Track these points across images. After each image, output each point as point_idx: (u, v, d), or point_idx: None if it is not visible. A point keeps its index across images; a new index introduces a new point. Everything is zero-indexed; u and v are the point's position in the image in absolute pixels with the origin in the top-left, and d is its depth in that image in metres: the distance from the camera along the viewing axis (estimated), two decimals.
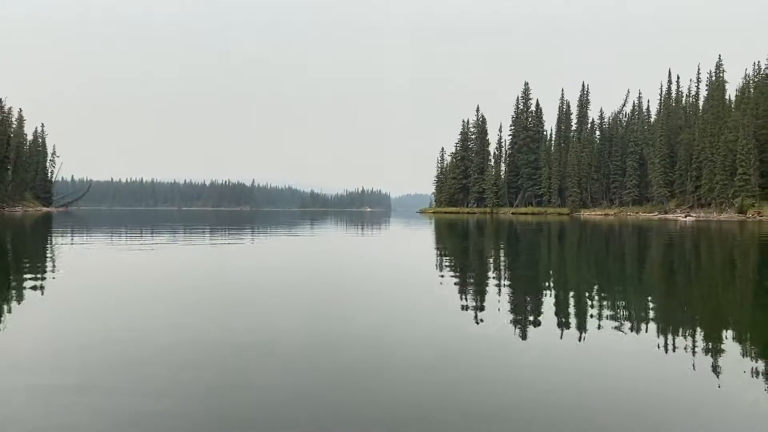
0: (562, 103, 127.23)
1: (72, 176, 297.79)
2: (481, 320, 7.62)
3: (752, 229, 41.31)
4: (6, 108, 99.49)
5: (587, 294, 10.41)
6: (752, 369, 5.50)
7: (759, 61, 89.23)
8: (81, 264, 14.98)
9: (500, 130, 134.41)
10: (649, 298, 10.03)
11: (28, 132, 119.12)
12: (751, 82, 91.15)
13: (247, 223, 52.84)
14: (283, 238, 28.03)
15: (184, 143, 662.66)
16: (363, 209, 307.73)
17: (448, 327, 7.22)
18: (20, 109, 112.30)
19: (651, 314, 8.26)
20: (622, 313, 8.28)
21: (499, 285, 11.27)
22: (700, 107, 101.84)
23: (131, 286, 10.78)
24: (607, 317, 7.82)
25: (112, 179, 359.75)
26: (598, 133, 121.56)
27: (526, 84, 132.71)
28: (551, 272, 14.75)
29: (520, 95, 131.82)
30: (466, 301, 9.28)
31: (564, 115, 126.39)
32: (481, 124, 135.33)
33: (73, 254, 17.72)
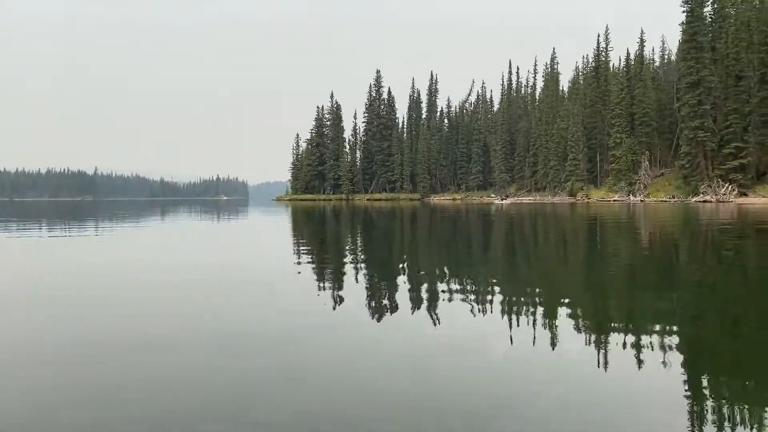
0: (412, 91, 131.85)
1: None
2: (340, 303, 7.72)
3: (581, 212, 45.65)
4: None
5: (437, 273, 10.93)
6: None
7: (587, 55, 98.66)
8: None
9: (355, 117, 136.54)
10: (492, 276, 10.75)
11: None
12: (581, 74, 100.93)
13: (83, 215, 48.85)
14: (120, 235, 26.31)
15: (18, 126, 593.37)
16: (218, 198, 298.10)
17: (299, 314, 7.23)
18: None
19: (493, 290, 8.86)
20: (470, 288, 8.80)
21: (356, 269, 11.47)
22: (537, 97, 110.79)
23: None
24: (455, 293, 8.26)
25: None
26: (446, 121, 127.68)
27: (378, 72, 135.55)
28: (404, 256, 15.26)
29: (372, 83, 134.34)
30: (328, 290, 9.34)
31: (414, 103, 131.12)
32: (336, 111, 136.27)
33: None
